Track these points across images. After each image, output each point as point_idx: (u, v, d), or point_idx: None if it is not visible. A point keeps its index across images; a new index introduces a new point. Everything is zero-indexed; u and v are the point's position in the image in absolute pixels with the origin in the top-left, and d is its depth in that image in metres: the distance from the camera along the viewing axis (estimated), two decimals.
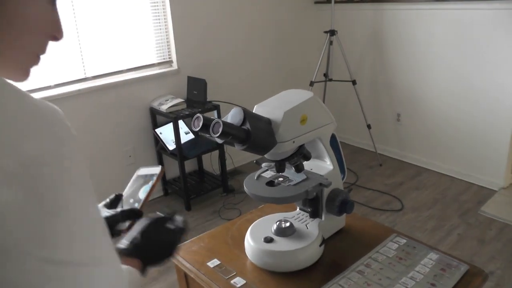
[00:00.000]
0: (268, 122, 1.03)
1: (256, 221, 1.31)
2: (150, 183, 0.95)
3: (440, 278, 1.10)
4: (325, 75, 4.09)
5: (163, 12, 3.39)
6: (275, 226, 1.23)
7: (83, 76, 3.10)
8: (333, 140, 1.24)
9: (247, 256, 1.24)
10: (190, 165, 3.81)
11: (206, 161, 3.86)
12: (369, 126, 4.04)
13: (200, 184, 3.69)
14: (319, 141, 1.20)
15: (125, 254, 0.80)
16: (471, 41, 3.40)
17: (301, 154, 1.12)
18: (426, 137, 3.92)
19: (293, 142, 1.06)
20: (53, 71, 2.93)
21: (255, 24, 4.03)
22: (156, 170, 0.97)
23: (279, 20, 4.23)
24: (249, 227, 1.29)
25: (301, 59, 4.51)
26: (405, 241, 1.27)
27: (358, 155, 4.34)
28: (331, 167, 1.24)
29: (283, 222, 1.22)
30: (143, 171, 0.99)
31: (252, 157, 1.08)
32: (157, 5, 3.35)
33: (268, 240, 1.19)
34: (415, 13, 3.71)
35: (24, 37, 0.61)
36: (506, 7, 3.12)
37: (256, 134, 0.98)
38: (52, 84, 2.96)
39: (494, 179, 3.49)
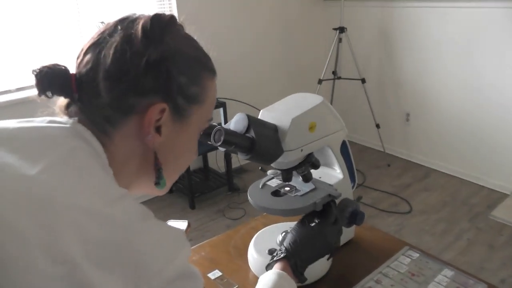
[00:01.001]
0: (274, 129, 0.97)
1: (260, 231, 1.24)
2: None
3: None
4: (334, 73, 4.01)
5: (169, 8, 3.33)
6: (280, 237, 1.16)
7: None
8: (344, 147, 1.17)
9: (250, 268, 1.17)
10: (195, 163, 3.76)
11: (211, 158, 3.79)
12: (377, 126, 3.96)
13: (205, 182, 3.64)
14: (329, 149, 1.13)
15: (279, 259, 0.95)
16: (483, 41, 3.30)
17: (310, 162, 1.04)
18: (435, 138, 3.84)
19: (301, 150, 0.99)
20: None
21: (263, 20, 3.95)
22: (184, 225, 1.03)
23: (288, 16, 4.15)
24: (253, 236, 1.23)
25: (310, 56, 4.43)
26: (417, 255, 1.20)
27: (365, 154, 4.26)
28: (341, 175, 1.17)
29: (289, 233, 1.15)
30: (172, 224, 0.99)
31: None
32: (164, 2, 3.29)
33: (272, 252, 1.13)
34: (426, 11, 3.62)
35: (181, 164, 0.75)
36: None
37: (261, 143, 0.91)
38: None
39: (505, 182, 3.40)
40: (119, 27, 0.64)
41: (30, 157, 0.54)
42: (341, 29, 3.82)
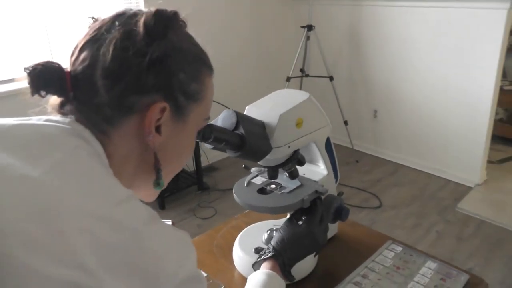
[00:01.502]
0: (262, 125, 0.95)
1: (244, 230, 1.22)
2: None
3: None
4: (302, 70, 4.03)
5: (136, 3, 3.26)
6: (266, 235, 1.15)
7: None
8: (327, 144, 1.17)
9: (235, 267, 1.15)
10: None
11: None
12: (346, 123, 4.00)
13: (174, 182, 3.57)
14: (314, 145, 1.13)
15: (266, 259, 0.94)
16: (450, 40, 3.39)
17: (296, 159, 1.04)
18: (402, 134, 3.92)
19: (289, 147, 0.98)
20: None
21: (230, 18, 3.92)
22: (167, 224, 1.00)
23: (256, 14, 4.13)
24: (235, 234, 1.21)
25: (278, 54, 4.43)
26: (401, 248, 1.21)
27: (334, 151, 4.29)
28: (325, 172, 1.17)
29: (274, 231, 1.14)
30: None
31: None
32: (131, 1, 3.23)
33: (259, 250, 1.11)
34: (394, 10, 3.68)
35: (178, 163, 0.73)
36: (486, 7, 3.12)
37: (251, 140, 0.89)
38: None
39: (470, 176, 3.52)
40: (116, 23, 0.61)
41: (31, 156, 0.51)
42: (309, 27, 3.84)
